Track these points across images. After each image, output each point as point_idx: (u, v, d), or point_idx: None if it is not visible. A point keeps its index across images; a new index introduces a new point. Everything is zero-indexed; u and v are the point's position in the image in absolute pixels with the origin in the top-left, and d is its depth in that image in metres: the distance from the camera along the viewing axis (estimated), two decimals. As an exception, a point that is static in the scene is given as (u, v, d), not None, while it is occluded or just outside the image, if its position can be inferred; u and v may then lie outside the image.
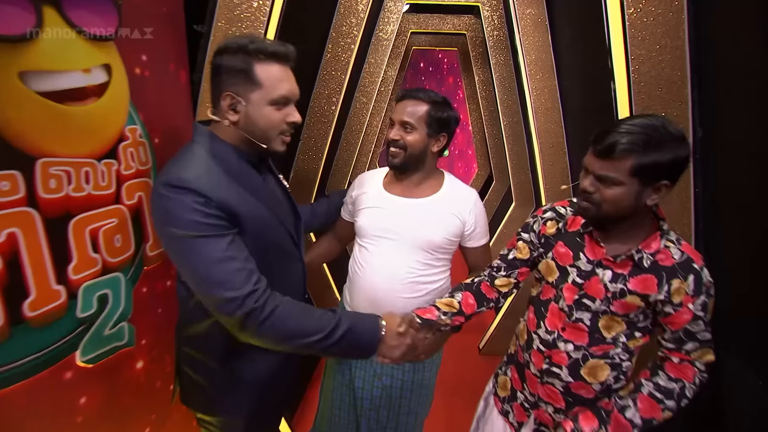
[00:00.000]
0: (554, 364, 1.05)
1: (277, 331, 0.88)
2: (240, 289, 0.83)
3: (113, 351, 1.00)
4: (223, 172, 0.90)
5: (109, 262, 0.97)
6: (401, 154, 1.23)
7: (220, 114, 0.94)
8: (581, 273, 1.02)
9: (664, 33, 1.09)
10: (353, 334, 0.92)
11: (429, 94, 1.23)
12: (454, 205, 1.25)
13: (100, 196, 0.93)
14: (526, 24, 2.21)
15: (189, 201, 0.83)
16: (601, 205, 0.92)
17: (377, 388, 1.32)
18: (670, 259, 0.93)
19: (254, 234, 0.92)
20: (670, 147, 0.85)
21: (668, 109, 1.14)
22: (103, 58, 0.91)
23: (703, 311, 0.92)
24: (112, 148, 0.97)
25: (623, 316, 0.98)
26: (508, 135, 3.41)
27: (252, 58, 0.90)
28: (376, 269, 1.27)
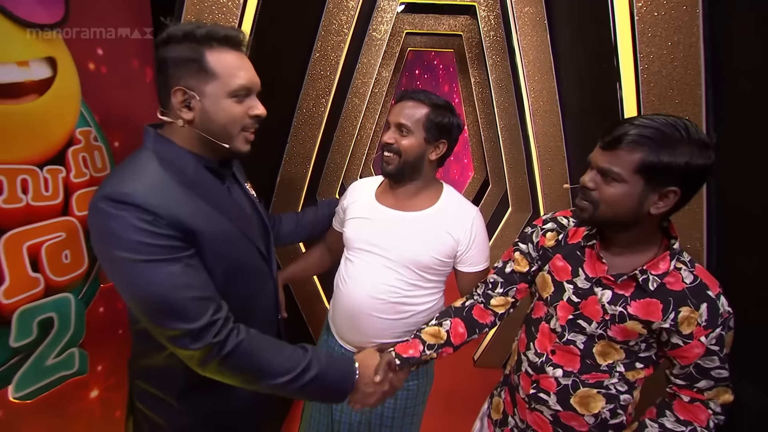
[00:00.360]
0: (542, 390, 0.96)
1: (241, 369, 0.77)
2: (196, 321, 0.72)
3: (60, 381, 0.89)
4: (177, 182, 0.78)
5: (55, 282, 0.86)
6: (395, 160, 1.11)
7: (171, 114, 0.81)
8: (578, 291, 0.92)
9: (676, 29, 1.00)
10: (324, 379, 0.84)
11: (430, 96, 1.11)
12: (448, 222, 1.12)
13: (42, 208, 0.82)
14: (524, 23, 2.11)
15: (133, 219, 0.70)
16: (599, 206, 0.82)
17: (356, 413, 1.23)
18: (680, 284, 0.82)
19: (216, 252, 0.80)
20: (686, 150, 0.74)
21: (680, 113, 1.04)
22: (46, 51, 0.80)
23: (719, 346, 0.81)
24: (59, 152, 0.86)
25: (622, 343, 0.88)
26: (505, 138, 3.32)
27: (202, 45, 0.78)
28: (358, 285, 1.16)
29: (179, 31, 0.78)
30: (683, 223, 1.13)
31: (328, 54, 2.11)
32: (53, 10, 0.81)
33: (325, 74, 2.12)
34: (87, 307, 0.95)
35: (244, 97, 0.82)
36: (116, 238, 0.71)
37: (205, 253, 0.78)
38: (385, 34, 3.12)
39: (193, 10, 1.09)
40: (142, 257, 0.70)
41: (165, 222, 0.72)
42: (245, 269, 0.87)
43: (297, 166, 2.18)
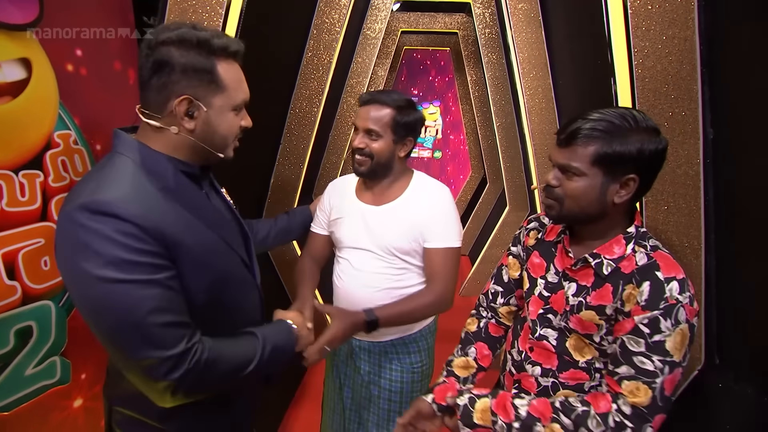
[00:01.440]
0: (523, 390, 0.95)
1: (212, 381, 0.76)
2: (174, 347, 0.67)
3: (41, 391, 0.86)
4: (157, 190, 0.72)
5: (33, 290, 0.83)
6: (367, 162, 1.18)
7: (166, 120, 0.75)
8: (548, 285, 0.93)
9: (671, 22, 0.97)
10: (277, 347, 0.87)
11: (392, 96, 1.18)
12: (417, 206, 1.19)
13: (17, 213, 0.80)
14: (518, 20, 2.09)
15: (112, 232, 0.64)
16: (564, 202, 0.83)
17: (365, 399, 1.30)
18: (632, 265, 0.81)
19: (199, 264, 0.75)
20: (636, 137, 0.77)
21: (676, 108, 1.02)
22: (19, 52, 0.78)
23: (650, 329, 0.75)
24: (36, 156, 0.83)
25: (586, 336, 0.87)
26: (502, 136, 3.30)
27: (216, 56, 0.74)
28: (353, 279, 1.24)
29: (194, 37, 0.72)
30: (680, 221, 1.11)
31: (320, 53, 2.09)
32: (27, 9, 0.79)
33: (318, 74, 2.10)
34: (69, 314, 0.92)
35: (241, 110, 0.83)
36: (91, 254, 0.64)
37: (189, 264, 0.73)
38: (380, 32, 3.10)
39: (176, 9, 1.06)
40: (118, 276, 0.64)
41: (147, 234, 0.67)
42: (230, 279, 0.84)
43: (291, 166, 2.16)
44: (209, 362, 0.72)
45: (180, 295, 0.72)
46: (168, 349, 0.67)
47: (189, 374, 0.69)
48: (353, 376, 1.30)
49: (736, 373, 1.10)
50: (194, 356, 0.70)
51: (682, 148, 1.05)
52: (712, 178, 1.06)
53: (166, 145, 0.77)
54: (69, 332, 0.92)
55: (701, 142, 1.04)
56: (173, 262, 0.71)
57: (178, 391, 0.70)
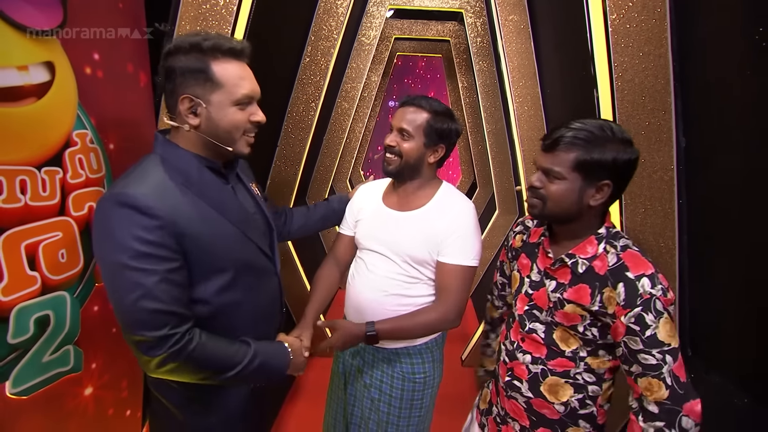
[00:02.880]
0: (516, 377, 1.02)
1: (193, 371, 0.85)
2: (156, 331, 0.77)
3: (55, 378, 0.90)
4: (180, 185, 0.83)
5: (51, 281, 0.88)
6: (396, 162, 1.19)
7: (179, 119, 0.86)
8: (532, 283, 1.01)
9: (647, 40, 1.06)
10: (266, 365, 0.94)
11: (431, 102, 1.18)
12: (438, 218, 1.18)
13: (39, 208, 0.84)
14: (509, 30, 2.18)
15: (130, 221, 0.75)
16: (547, 202, 0.91)
17: (367, 399, 1.30)
18: (604, 267, 0.88)
19: (214, 252, 0.85)
20: (612, 147, 0.85)
21: (652, 118, 1.11)
22: (44, 55, 0.83)
23: (639, 326, 0.82)
24: (56, 154, 0.88)
25: (571, 328, 0.94)
26: (492, 142, 3.39)
27: (208, 56, 0.83)
28: (365, 279, 1.25)
29: (186, 43, 0.82)
30: (656, 222, 1.19)
31: (317, 59, 2.15)
32: (52, 15, 0.84)
33: (315, 79, 2.16)
34: (82, 305, 0.96)
35: (246, 104, 0.88)
36: (113, 238, 0.76)
37: (202, 251, 0.83)
38: (374, 39, 3.17)
39: (187, 16, 1.12)
40: (126, 262, 0.75)
41: (160, 227, 0.77)
42: (247, 267, 0.92)
43: (287, 169, 2.21)
44: (191, 353, 0.81)
45: (177, 288, 0.81)
46: (151, 331, 0.77)
47: (168, 357, 0.79)
48: (356, 375, 1.32)
49: (707, 364, 1.18)
50: (176, 344, 0.79)
51: (658, 155, 1.14)
52: (684, 182, 1.15)
53: (187, 142, 0.87)
54: (81, 323, 0.96)
55: (674, 150, 1.13)
56: (184, 254, 0.81)
57: (158, 367, 0.81)
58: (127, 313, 0.77)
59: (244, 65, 0.88)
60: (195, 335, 0.83)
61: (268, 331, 1.03)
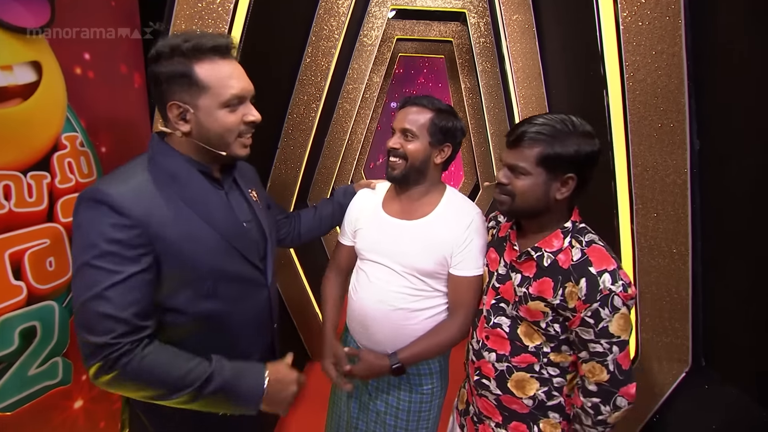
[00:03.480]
0: (484, 376, 1.03)
1: (134, 385, 0.75)
2: (98, 336, 0.70)
3: (42, 392, 0.87)
4: (164, 188, 0.79)
5: (38, 290, 0.84)
6: (401, 165, 1.12)
7: (170, 126, 0.82)
8: (499, 277, 1.02)
9: (660, 38, 1.02)
10: (230, 390, 0.80)
11: (433, 101, 1.13)
12: (446, 226, 1.12)
13: (25, 214, 0.81)
14: (513, 30, 2.14)
15: (102, 219, 0.71)
16: (515, 197, 0.92)
17: (372, 412, 1.25)
18: (568, 261, 0.90)
19: (192, 258, 0.80)
20: (573, 140, 0.86)
21: (664, 120, 1.07)
22: (30, 55, 0.79)
23: (593, 319, 0.86)
24: (44, 158, 0.84)
25: (534, 323, 0.95)
26: (495, 144, 3.34)
27: (190, 59, 0.77)
28: (368, 293, 1.18)
29: (167, 47, 0.78)
30: (668, 228, 1.15)
31: (318, 59, 2.11)
32: (38, 13, 0.80)
33: (316, 80, 2.12)
34: (72, 315, 0.93)
35: (238, 105, 0.83)
36: (80, 236, 0.72)
37: (176, 259, 0.78)
38: (376, 39, 3.13)
39: (183, 15, 1.09)
40: (89, 260, 0.71)
41: (132, 223, 0.73)
42: (230, 278, 0.86)
43: (287, 170, 2.17)
44: (126, 365, 0.72)
45: (136, 293, 0.73)
46: (93, 336, 0.70)
47: (101, 368, 0.71)
48: (361, 388, 1.26)
49: (721, 374, 1.14)
50: (111, 353, 0.71)
51: (671, 158, 1.10)
52: (698, 186, 1.11)
53: (182, 146, 0.84)
54: (71, 333, 0.92)
55: (688, 153, 1.09)
56: (156, 259, 0.76)
57: (95, 378, 0.73)
58: (77, 312, 0.72)
59: (233, 62, 0.83)
60: (138, 347, 0.73)
61: (252, 350, 0.94)
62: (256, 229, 0.95)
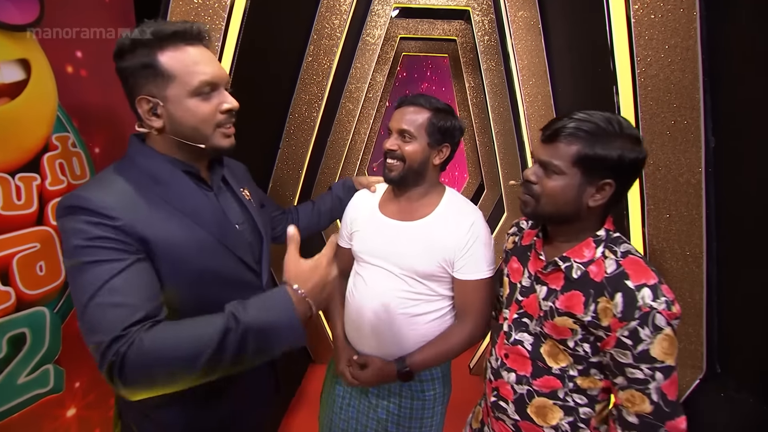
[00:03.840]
0: (501, 398, 0.95)
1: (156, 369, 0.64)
2: (109, 332, 0.63)
3: (33, 400, 0.84)
4: (147, 189, 0.75)
5: (28, 295, 0.81)
6: (399, 167, 1.08)
7: (144, 124, 0.78)
8: (523, 289, 0.93)
9: (673, 32, 0.98)
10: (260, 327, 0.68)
11: (430, 100, 1.09)
12: (447, 228, 1.08)
13: (13, 217, 0.78)
14: (518, 27, 2.10)
15: (79, 222, 0.67)
16: (541, 199, 0.83)
17: (372, 420, 1.21)
18: (601, 273, 0.80)
19: (179, 263, 0.75)
20: (619, 144, 0.77)
21: (678, 117, 1.02)
22: (18, 53, 0.77)
23: (632, 340, 0.75)
24: (33, 159, 0.82)
25: (561, 342, 0.85)
26: (500, 143, 3.30)
27: (152, 48, 0.73)
28: (366, 297, 1.14)
29: (127, 40, 0.73)
30: (682, 229, 1.11)
31: (320, 58, 2.08)
32: (27, 10, 0.78)
33: (318, 79, 2.09)
34: (64, 321, 0.90)
35: (210, 93, 0.77)
36: (66, 242, 0.68)
37: (167, 259, 0.74)
38: (379, 38, 3.10)
39: (178, 11, 1.06)
40: (80, 259, 0.66)
41: (114, 225, 0.68)
42: (221, 279, 0.82)
43: (289, 171, 2.14)
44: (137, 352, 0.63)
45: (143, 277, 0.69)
46: (103, 333, 0.63)
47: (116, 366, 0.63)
48: (360, 396, 1.23)
49: (737, 381, 1.10)
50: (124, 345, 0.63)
51: (684, 157, 1.05)
52: (713, 186, 1.07)
53: (162, 146, 0.79)
54: (63, 339, 0.90)
55: (703, 151, 1.04)
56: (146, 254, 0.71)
57: (116, 377, 0.63)
58: (82, 317, 0.66)
59: (201, 49, 0.77)
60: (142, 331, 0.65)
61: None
62: (250, 230, 0.92)
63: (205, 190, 0.84)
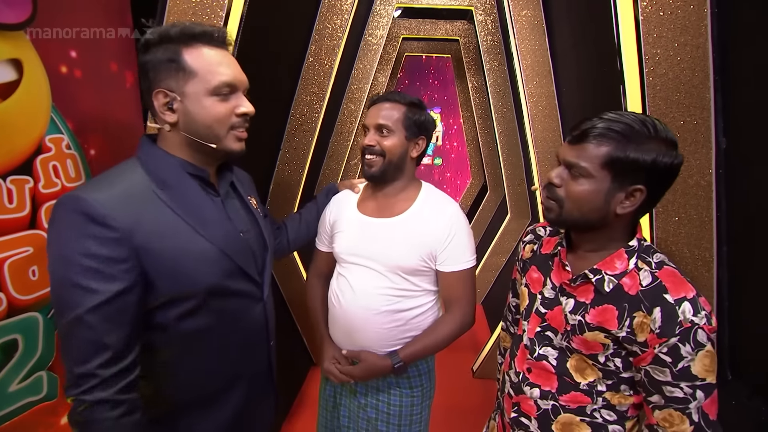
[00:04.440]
0: (523, 414, 0.90)
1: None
2: (78, 365, 0.65)
3: (26, 408, 0.82)
4: (152, 192, 0.74)
5: (20, 301, 0.79)
6: (379, 162, 1.12)
7: (158, 119, 0.79)
8: (545, 301, 0.88)
9: (683, 29, 0.95)
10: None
11: (404, 96, 1.14)
12: (426, 222, 1.11)
13: (5, 221, 0.76)
14: (521, 27, 2.07)
15: (84, 232, 0.66)
16: (565, 204, 0.78)
17: (363, 420, 1.23)
18: (636, 286, 0.75)
19: (180, 270, 0.74)
20: (653, 147, 0.71)
21: (688, 117, 1.00)
22: (10, 52, 0.75)
23: (671, 357, 0.71)
24: (26, 161, 0.80)
25: (590, 357, 0.81)
26: (503, 144, 3.27)
27: (178, 44, 0.75)
28: (351, 298, 1.15)
29: (155, 34, 0.76)
30: (691, 232, 1.08)
31: (321, 58, 2.07)
32: (19, 8, 0.76)
33: (319, 79, 2.08)
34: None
35: (229, 94, 0.79)
36: (59, 247, 0.67)
37: (163, 273, 0.73)
38: (381, 39, 3.08)
39: (175, 11, 1.04)
40: (70, 276, 0.66)
41: (116, 236, 0.68)
42: (222, 291, 0.81)
43: (291, 172, 2.13)
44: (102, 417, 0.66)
45: (122, 316, 0.69)
46: (73, 363, 0.65)
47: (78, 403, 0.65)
48: (349, 396, 1.25)
49: (749, 389, 1.07)
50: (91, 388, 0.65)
51: (694, 158, 1.03)
52: (724, 188, 1.04)
53: (172, 146, 0.80)
54: (57, 345, 0.88)
55: (713, 152, 1.02)
56: (141, 271, 0.71)
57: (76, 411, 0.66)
58: (59, 331, 0.68)
59: (224, 52, 0.79)
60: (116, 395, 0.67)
61: (246, 370, 0.89)
62: (255, 238, 0.90)
63: (212, 195, 0.83)
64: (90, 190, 0.70)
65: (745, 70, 0.96)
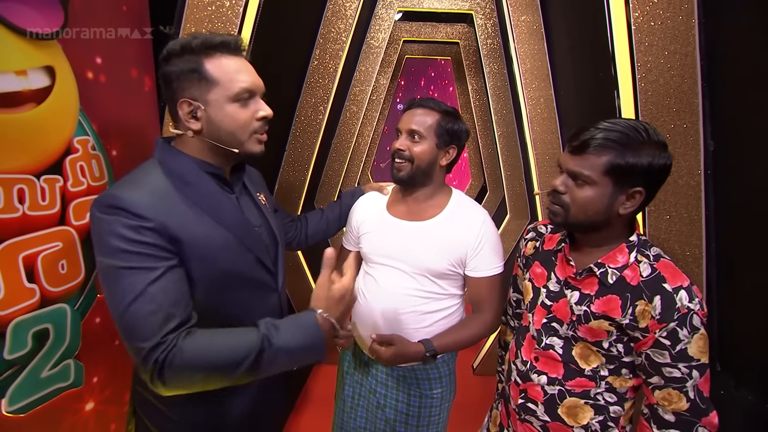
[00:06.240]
0: (530, 399, 0.96)
1: (187, 380, 0.72)
2: (148, 339, 0.69)
3: (54, 394, 0.87)
4: (175, 190, 0.79)
5: (51, 293, 0.85)
6: (407, 167, 1.12)
7: (181, 126, 0.83)
8: (550, 294, 0.94)
9: (672, 38, 1.01)
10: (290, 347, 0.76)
11: (439, 103, 1.14)
12: (456, 228, 1.12)
13: (38, 217, 0.81)
14: (521, 31, 2.13)
15: (117, 223, 0.71)
16: (571, 209, 0.84)
17: (381, 420, 1.23)
18: (637, 277, 0.82)
19: (205, 261, 0.79)
20: (648, 151, 0.78)
21: (678, 121, 1.05)
22: (44, 60, 0.80)
23: (670, 340, 0.78)
24: (57, 161, 0.85)
25: (595, 344, 0.87)
26: (503, 146, 3.32)
27: (199, 55, 0.79)
28: (378, 298, 1.17)
29: (177, 45, 0.80)
30: (682, 230, 1.13)
31: (326, 62, 2.12)
32: (52, 17, 0.81)
33: (324, 82, 2.13)
34: (83, 317, 0.93)
35: (248, 100, 0.83)
36: (101, 242, 0.72)
37: (193, 260, 0.78)
38: (383, 41, 3.13)
39: (192, 18, 1.09)
40: (119, 263, 0.70)
41: (151, 226, 0.72)
42: (241, 280, 0.86)
43: (295, 173, 2.17)
44: (181, 359, 0.70)
45: (179, 285, 0.74)
46: (142, 340, 0.69)
47: (157, 370, 0.69)
48: (368, 397, 1.25)
49: (736, 379, 1.12)
50: (163, 352, 0.69)
51: (684, 160, 1.08)
52: (712, 188, 1.09)
53: (193, 149, 0.84)
54: (83, 335, 0.93)
55: (702, 154, 1.07)
56: (178, 256, 0.76)
57: (157, 380, 0.70)
58: (120, 321, 0.71)
59: (242, 60, 0.84)
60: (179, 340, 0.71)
61: None
62: (266, 233, 0.95)
63: (227, 192, 0.88)
64: (121, 189, 0.75)
65: (731, 77, 1.02)
